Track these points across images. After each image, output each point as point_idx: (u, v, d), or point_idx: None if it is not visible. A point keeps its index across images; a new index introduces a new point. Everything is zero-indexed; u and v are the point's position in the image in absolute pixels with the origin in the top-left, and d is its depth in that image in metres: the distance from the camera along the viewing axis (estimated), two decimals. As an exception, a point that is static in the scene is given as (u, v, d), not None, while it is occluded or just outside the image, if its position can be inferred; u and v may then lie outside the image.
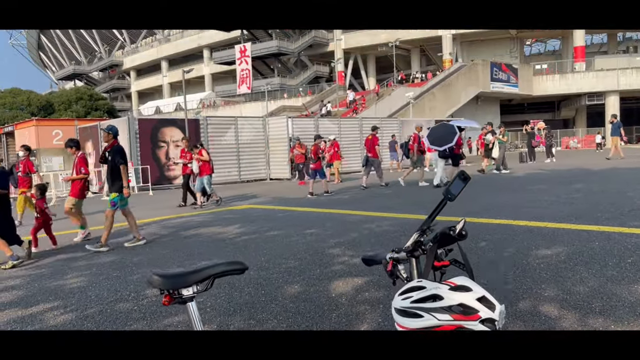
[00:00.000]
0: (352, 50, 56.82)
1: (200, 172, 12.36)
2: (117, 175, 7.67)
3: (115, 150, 7.81)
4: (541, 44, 77.08)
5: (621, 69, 45.78)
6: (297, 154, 19.31)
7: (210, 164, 12.58)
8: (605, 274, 4.66)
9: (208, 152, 12.76)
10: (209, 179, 12.45)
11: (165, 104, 66.01)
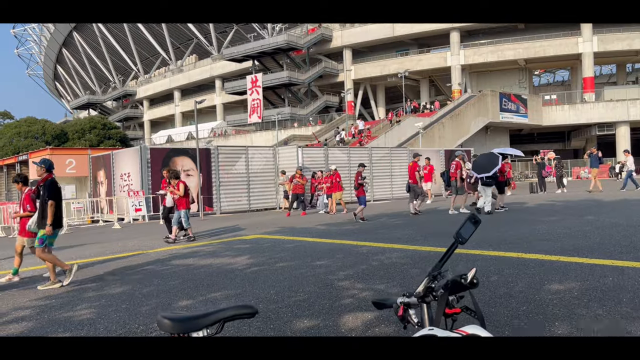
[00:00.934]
0: (361, 81, 57.44)
1: (177, 206, 11.87)
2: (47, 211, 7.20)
3: (47, 185, 7.34)
4: (550, 75, 77.47)
5: (631, 100, 45.79)
6: (297, 184, 18.85)
7: (189, 198, 12.00)
8: (620, 310, 4.58)
9: (186, 186, 12.04)
10: (186, 214, 11.81)
11: (177, 132, 66.79)
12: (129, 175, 20.05)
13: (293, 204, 18.85)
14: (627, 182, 22.19)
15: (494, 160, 14.57)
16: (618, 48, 48.24)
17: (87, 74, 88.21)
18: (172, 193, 11.95)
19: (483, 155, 15.57)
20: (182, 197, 11.74)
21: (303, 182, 19.05)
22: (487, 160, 14.74)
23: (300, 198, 18.97)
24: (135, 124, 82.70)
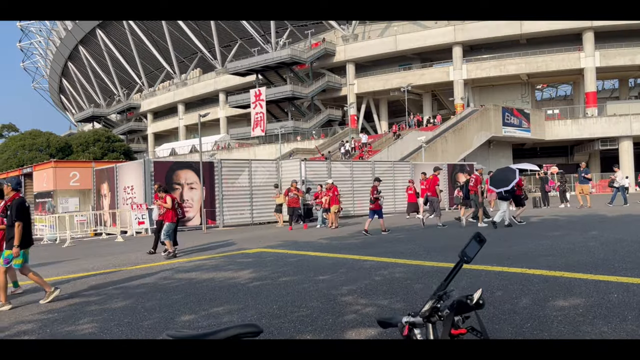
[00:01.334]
0: (364, 95, 57.69)
1: (164, 218, 11.77)
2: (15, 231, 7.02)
3: (14, 204, 7.12)
4: (552, 89, 77.64)
5: (634, 114, 45.84)
6: (292, 198, 18.52)
7: (176, 212, 11.83)
8: (625, 328, 4.55)
9: (174, 200, 11.88)
10: (169, 227, 11.60)
11: (181, 145, 67.03)
12: (132, 189, 20.10)
13: (292, 218, 18.64)
14: (616, 196, 22.17)
15: (512, 174, 14.81)
16: (620, 63, 48.40)
17: (92, 87, 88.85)
18: (160, 206, 11.93)
19: (500, 170, 15.89)
20: (169, 210, 11.67)
21: (299, 195, 18.86)
22: (505, 175, 15.03)
23: (296, 212, 18.70)
24: (139, 137, 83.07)
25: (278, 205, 20.57)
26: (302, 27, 59.99)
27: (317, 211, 19.35)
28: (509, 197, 14.97)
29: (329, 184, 18.35)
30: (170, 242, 11.58)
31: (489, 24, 50.99)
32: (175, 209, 11.83)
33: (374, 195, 15.25)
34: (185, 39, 67.70)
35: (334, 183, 18.55)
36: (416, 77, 52.88)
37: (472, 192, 16.04)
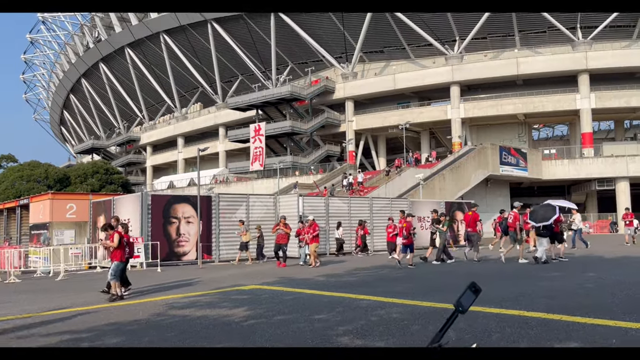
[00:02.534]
0: (363, 131, 58.16)
1: (111, 258, 11.12)
2: None
3: None
4: (549, 129, 78.52)
5: (630, 156, 46.19)
6: (281, 234, 17.98)
7: (124, 250, 11.03)
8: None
9: (122, 237, 11.01)
10: (117, 267, 10.83)
11: (179, 179, 67.12)
12: (128, 221, 20.00)
13: (279, 254, 17.98)
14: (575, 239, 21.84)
15: (551, 211, 15.33)
16: (615, 105, 49.08)
17: (93, 119, 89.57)
18: (105, 244, 11.19)
19: (540, 206, 16.37)
20: (117, 249, 10.90)
21: (287, 231, 18.15)
22: (545, 211, 15.53)
23: (283, 248, 18.02)
24: (138, 169, 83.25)
25: (244, 243, 19.83)
26: (303, 64, 61.00)
27: (300, 248, 18.67)
28: (547, 234, 15.29)
29: (310, 221, 17.85)
30: (116, 283, 10.75)
31: (486, 65, 51.90)
32: (123, 247, 11.06)
33: (408, 231, 16.06)
34: (186, 74, 68.68)
35: (314, 219, 18.14)
36: (414, 115, 53.46)
37: (512, 229, 16.56)
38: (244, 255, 19.95)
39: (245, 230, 20.00)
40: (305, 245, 18.02)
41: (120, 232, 11.14)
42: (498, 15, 49.98)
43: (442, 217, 17.61)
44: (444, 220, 17.54)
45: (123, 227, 11.54)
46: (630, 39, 51.09)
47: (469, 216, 17.65)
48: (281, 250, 17.93)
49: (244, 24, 57.67)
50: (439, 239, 17.46)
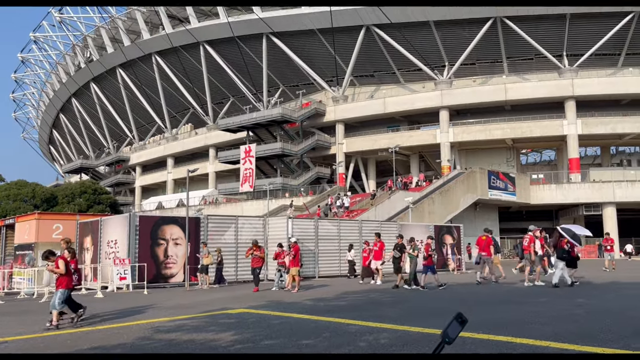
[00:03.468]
0: (353, 154, 58.44)
1: (56, 285, 10.33)
2: None
3: None
4: (537, 154, 79.36)
5: (616, 182, 46.77)
6: (255, 257, 17.49)
7: (71, 276, 10.36)
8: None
9: (67, 263, 10.35)
10: (62, 295, 10.09)
11: (168, 199, 66.68)
12: (115, 243, 19.81)
13: (256, 279, 17.48)
14: None
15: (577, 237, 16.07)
16: (601, 131, 49.85)
17: (82, 139, 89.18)
18: (51, 270, 10.41)
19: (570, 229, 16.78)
20: (63, 276, 10.15)
21: (261, 254, 17.69)
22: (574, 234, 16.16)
23: (256, 272, 17.46)
24: (127, 189, 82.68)
25: (204, 265, 19.19)
26: (294, 87, 61.46)
27: (278, 272, 17.96)
28: (568, 258, 15.77)
29: (292, 243, 17.42)
30: (56, 313, 9.99)
31: (475, 90, 52.64)
32: (71, 274, 10.41)
33: (428, 252, 16.56)
34: (178, 95, 68.84)
35: (296, 242, 17.73)
36: (404, 138, 53.87)
37: (527, 252, 17.10)
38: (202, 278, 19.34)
39: (208, 252, 19.38)
40: (284, 269, 17.48)
41: (65, 258, 10.47)
42: (486, 42, 50.92)
43: (412, 242, 17.32)
44: (413, 245, 17.27)
45: (70, 251, 10.88)
46: (616, 67, 52.19)
47: (482, 240, 18.30)
48: (256, 274, 17.45)
49: (236, 46, 58.13)
50: (410, 264, 17.19)
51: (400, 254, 17.35)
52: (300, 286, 17.04)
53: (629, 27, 48.68)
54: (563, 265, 15.62)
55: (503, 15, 49.08)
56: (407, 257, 17.47)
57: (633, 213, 50.22)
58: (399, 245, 17.48)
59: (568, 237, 15.55)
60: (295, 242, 17.54)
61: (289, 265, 16.99)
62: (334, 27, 51.61)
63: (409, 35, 51.55)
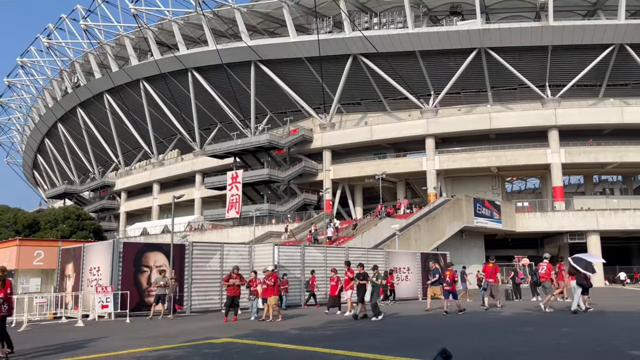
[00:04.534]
0: (340, 181, 58.56)
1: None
2: None
3: None
4: (522, 182, 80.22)
5: (600, 210, 47.35)
6: (233, 286, 16.62)
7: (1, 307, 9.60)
8: None
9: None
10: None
11: (153, 225, 65.99)
12: (98, 270, 19.48)
13: (234, 308, 16.64)
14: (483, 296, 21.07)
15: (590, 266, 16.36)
16: (584, 160, 50.62)
17: (67, 164, 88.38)
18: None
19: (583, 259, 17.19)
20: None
21: (240, 283, 16.84)
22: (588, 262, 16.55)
23: (235, 301, 16.59)
24: (111, 215, 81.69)
25: (162, 294, 17.96)
26: (282, 113, 61.80)
27: (250, 300, 17.37)
28: (586, 285, 16.20)
29: (269, 271, 16.73)
30: None
31: (460, 119, 53.36)
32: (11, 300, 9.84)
33: (452, 279, 17.30)
34: (165, 121, 68.79)
35: (275, 270, 17.10)
36: (390, 165, 54.18)
37: (544, 279, 17.78)
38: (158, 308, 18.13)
39: (166, 281, 18.20)
40: (255, 298, 16.85)
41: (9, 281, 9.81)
42: (471, 72, 51.88)
43: (375, 270, 16.63)
44: (377, 273, 16.61)
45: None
46: (597, 97, 53.38)
47: (489, 268, 19.03)
48: (233, 303, 16.59)
49: (224, 73, 58.51)
50: (373, 293, 16.47)
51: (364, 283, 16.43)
52: (286, 315, 16.80)
53: (609, 59, 49.98)
54: (580, 292, 16.09)
55: (487, 46, 50.16)
56: (370, 285, 16.50)
57: (617, 241, 50.69)
58: (361, 274, 16.60)
59: (581, 268, 15.95)
60: (273, 271, 16.87)
61: (264, 295, 16.27)
62: (322, 56, 52.27)
63: (396, 64, 52.37)
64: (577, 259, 16.37)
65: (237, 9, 55.24)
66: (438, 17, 56.72)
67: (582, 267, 15.89)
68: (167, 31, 62.14)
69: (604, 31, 48.33)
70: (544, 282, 17.65)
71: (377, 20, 54.37)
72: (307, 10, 55.23)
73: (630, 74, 51.64)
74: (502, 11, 55.19)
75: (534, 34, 49.16)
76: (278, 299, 16.66)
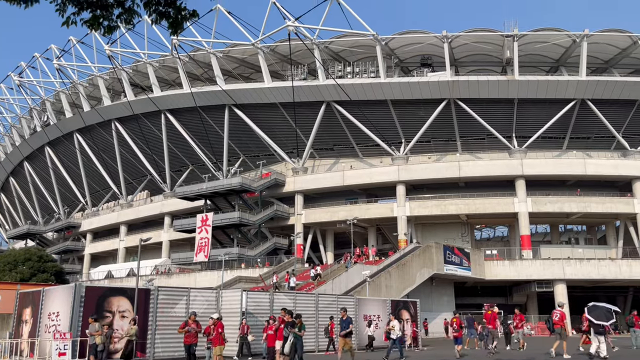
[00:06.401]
0: (311, 225, 58.34)
1: None
2: None
3: None
4: (491, 230, 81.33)
5: (565, 259, 48.21)
6: (190, 333, 15.80)
7: None
8: None
9: None
10: None
11: (118, 268, 64.15)
12: (57, 315, 18.66)
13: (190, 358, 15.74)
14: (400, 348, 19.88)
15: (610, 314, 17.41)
16: (550, 210, 51.83)
17: (32, 203, 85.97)
18: None
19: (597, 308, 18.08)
20: None
21: (197, 329, 15.98)
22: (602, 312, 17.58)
23: (192, 349, 15.63)
24: (75, 257, 79.12)
25: (95, 344, 16.42)
26: (254, 157, 61.89)
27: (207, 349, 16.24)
28: (604, 332, 17.22)
29: (214, 319, 15.94)
30: None
31: (430, 166, 54.35)
32: None
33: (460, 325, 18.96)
34: (136, 161, 68.05)
35: (220, 318, 16.30)
36: (362, 211, 54.41)
37: (557, 326, 18.51)
38: None
39: (99, 329, 16.73)
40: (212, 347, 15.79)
41: None
42: (441, 121, 53.29)
43: (298, 320, 15.34)
44: (299, 323, 15.35)
45: None
46: (561, 149, 55.27)
47: (488, 315, 20.60)
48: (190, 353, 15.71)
49: (198, 115, 58.65)
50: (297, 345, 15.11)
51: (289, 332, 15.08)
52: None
53: (571, 113, 52.11)
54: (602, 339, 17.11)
55: (456, 97, 51.82)
56: (292, 336, 15.15)
57: (583, 290, 51.39)
58: (289, 322, 15.31)
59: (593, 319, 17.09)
60: (219, 319, 16.03)
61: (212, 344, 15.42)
62: (296, 102, 53.05)
63: (368, 112, 53.46)
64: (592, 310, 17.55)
65: (213, 53, 56.00)
66: (409, 67, 58.59)
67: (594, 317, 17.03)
68: (141, 73, 62.38)
69: (566, 86, 50.62)
70: (557, 329, 18.44)
71: (351, 69, 55.91)
72: (282, 58, 56.42)
73: (592, 127, 53.85)
74: (470, 64, 57.40)
75: (500, 87, 51.10)
76: (223, 349, 15.60)
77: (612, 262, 48.19)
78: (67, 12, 6.23)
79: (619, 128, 52.66)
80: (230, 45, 56.82)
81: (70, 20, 6.22)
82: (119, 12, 6.37)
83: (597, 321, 17.02)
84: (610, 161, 52.77)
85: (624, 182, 52.96)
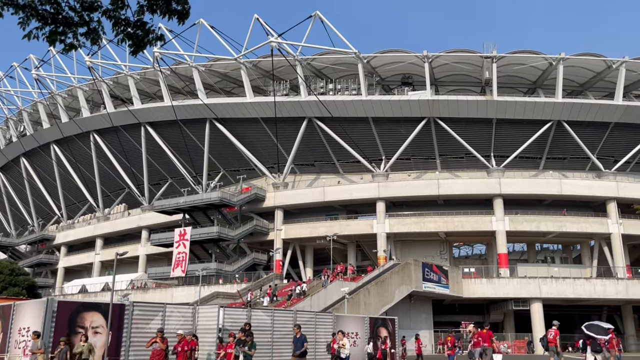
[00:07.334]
0: (291, 241, 58.11)
1: None
2: None
3: None
4: (469, 248, 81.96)
5: (542, 278, 48.75)
6: (156, 349, 15.48)
7: None
8: None
9: None
10: None
11: (92, 283, 62.90)
12: (28, 330, 18.12)
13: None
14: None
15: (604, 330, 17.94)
16: (527, 229, 52.51)
17: (4, 215, 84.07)
18: None
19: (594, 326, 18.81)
20: None
21: (163, 346, 15.66)
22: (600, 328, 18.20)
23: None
24: (48, 270, 77.34)
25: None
26: (235, 171, 61.60)
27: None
28: (601, 350, 17.62)
29: (180, 335, 15.78)
30: None
31: (410, 184, 54.74)
32: None
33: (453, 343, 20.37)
34: (113, 174, 67.16)
35: (184, 335, 16.06)
36: (342, 227, 54.42)
37: (552, 344, 18.84)
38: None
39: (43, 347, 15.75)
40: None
41: None
42: (421, 139, 53.85)
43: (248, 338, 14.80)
44: (250, 342, 14.90)
45: None
46: (538, 169, 56.22)
47: (484, 333, 20.46)
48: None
49: (179, 128, 58.28)
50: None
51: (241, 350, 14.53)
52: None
53: (548, 134, 53.13)
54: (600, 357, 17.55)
55: (436, 115, 52.49)
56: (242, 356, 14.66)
57: (559, 309, 51.96)
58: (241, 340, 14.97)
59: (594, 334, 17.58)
60: (184, 336, 15.57)
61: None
62: (278, 117, 53.17)
63: (349, 128, 53.78)
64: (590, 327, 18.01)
65: (195, 67, 55.91)
66: (390, 86, 59.25)
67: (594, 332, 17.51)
68: (122, 85, 61.90)
69: (543, 108, 51.69)
70: (551, 346, 18.86)
71: (332, 86, 56.30)
72: (265, 73, 56.60)
73: (568, 148, 54.96)
74: (450, 84, 58.30)
75: (479, 107, 51.95)
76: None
77: (587, 281, 48.90)
78: (30, 25, 6.18)
79: (594, 149, 53.84)
80: (213, 59, 56.83)
81: (32, 35, 6.17)
82: (84, 30, 6.34)
83: (597, 336, 17.64)
84: (585, 181, 53.82)
85: (599, 203, 53.98)
